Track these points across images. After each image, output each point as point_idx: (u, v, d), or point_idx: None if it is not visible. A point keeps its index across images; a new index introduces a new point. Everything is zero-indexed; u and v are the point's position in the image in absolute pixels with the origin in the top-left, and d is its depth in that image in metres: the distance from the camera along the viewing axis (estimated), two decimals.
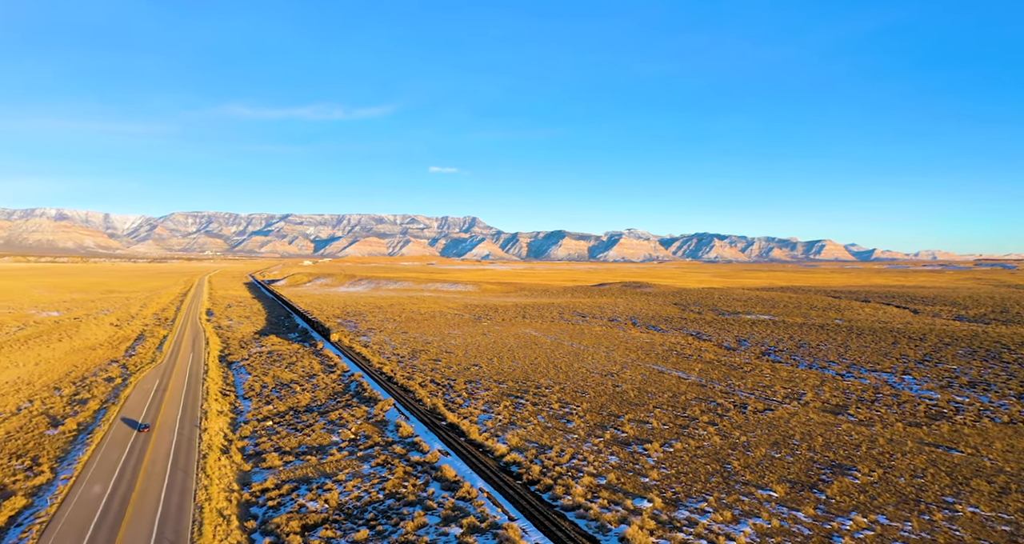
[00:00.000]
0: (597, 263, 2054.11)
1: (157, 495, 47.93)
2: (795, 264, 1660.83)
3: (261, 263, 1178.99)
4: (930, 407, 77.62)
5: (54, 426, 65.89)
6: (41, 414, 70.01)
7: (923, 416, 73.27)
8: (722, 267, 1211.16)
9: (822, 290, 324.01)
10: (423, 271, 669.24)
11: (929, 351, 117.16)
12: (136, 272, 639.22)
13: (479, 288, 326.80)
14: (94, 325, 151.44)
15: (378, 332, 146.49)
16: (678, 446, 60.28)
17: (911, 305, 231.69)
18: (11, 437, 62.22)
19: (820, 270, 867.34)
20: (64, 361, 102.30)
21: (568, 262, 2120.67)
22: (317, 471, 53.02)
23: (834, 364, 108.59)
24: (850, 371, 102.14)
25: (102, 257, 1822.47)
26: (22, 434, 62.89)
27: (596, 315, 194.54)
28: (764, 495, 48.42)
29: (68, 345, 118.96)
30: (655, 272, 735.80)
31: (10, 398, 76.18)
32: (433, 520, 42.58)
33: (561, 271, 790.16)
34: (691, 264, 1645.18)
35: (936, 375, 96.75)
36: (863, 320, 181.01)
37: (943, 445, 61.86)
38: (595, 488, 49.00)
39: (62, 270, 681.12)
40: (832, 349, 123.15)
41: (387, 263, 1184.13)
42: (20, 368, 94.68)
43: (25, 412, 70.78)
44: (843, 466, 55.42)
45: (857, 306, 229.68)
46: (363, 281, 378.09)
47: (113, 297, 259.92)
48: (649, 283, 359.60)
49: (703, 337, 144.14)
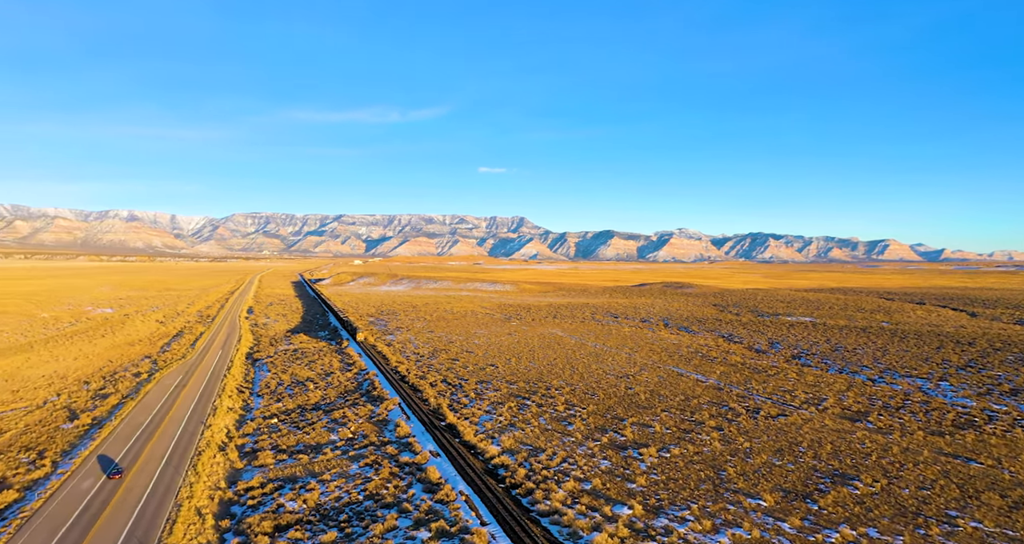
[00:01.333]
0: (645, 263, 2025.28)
1: (142, 492, 49.12)
2: (854, 265, 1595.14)
3: (313, 262, 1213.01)
4: (960, 415, 73.27)
5: (71, 420, 68.88)
6: (63, 408, 73.51)
7: (949, 425, 69.19)
8: (775, 267, 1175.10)
9: (875, 292, 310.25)
10: (466, 271, 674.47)
11: (975, 356, 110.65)
12: (194, 271, 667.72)
13: (517, 288, 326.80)
14: (140, 321, 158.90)
15: (406, 331, 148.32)
16: (675, 451, 58.72)
17: (970, 308, 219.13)
18: (29, 430, 65.25)
19: (879, 271, 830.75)
20: (102, 356, 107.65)
21: (616, 262, 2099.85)
22: (306, 470, 53.62)
23: (867, 369, 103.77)
24: (882, 376, 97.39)
25: (168, 256, 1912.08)
26: (39, 427, 65.90)
27: (629, 316, 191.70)
28: (752, 504, 46.65)
29: (110, 340, 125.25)
30: (702, 272, 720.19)
31: (41, 392, 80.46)
32: (405, 523, 42.58)
33: (605, 271, 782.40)
34: (743, 264, 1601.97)
35: (976, 382, 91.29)
36: (912, 323, 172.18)
37: (962, 456, 58.26)
38: (577, 493, 48.15)
39: (129, 268, 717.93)
40: (869, 353, 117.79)
41: (434, 263, 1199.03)
42: (60, 362, 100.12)
43: (49, 405, 74.49)
44: (846, 475, 52.88)
45: (909, 308, 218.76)
46: (404, 280, 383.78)
47: (166, 294, 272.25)
48: (691, 283, 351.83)
49: (734, 339, 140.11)
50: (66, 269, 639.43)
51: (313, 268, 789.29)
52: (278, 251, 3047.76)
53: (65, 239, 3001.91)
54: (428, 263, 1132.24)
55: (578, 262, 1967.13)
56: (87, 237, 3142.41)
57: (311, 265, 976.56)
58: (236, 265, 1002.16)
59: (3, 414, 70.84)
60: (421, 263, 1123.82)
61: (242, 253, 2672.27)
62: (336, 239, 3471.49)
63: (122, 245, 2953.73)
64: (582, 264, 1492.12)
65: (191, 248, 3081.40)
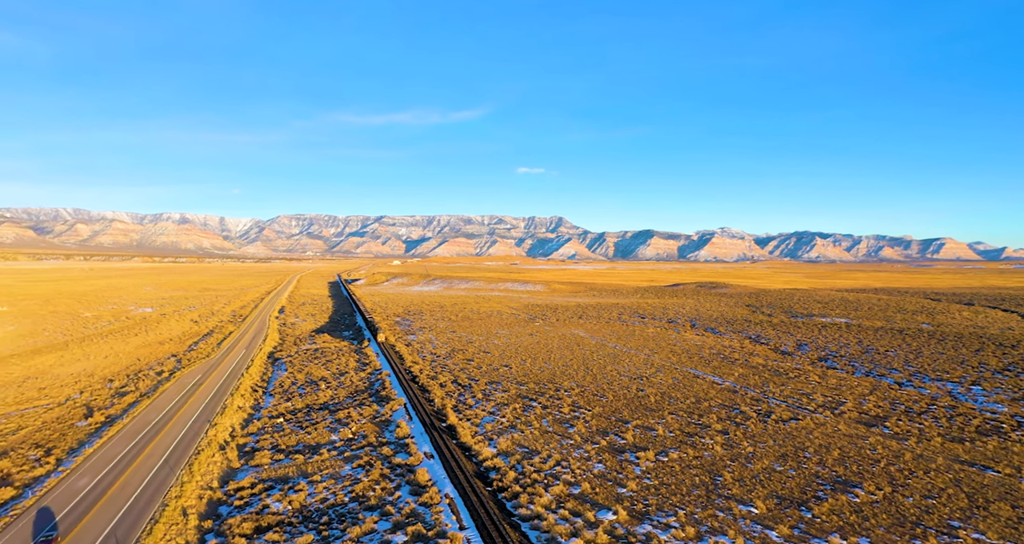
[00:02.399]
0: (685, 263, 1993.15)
1: (133, 491, 50.15)
2: (905, 264, 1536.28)
3: (353, 263, 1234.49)
4: (987, 421, 69.78)
5: (86, 418, 71.21)
6: (82, 405, 76.15)
7: (972, 431, 65.92)
8: (820, 267, 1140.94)
9: (921, 292, 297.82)
10: (501, 271, 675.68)
11: (1016, 360, 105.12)
12: (237, 272, 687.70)
13: (548, 288, 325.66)
14: (175, 321, 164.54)
15: (428, 331, 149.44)
16: (674, 455, 57.49)
17: (1023, 309, 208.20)
18: (45, 427, 67.74)
19: (931, 270, 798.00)
20: (131, 354, 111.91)
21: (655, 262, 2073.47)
22: (299, 471, 54.13)
23: (896, 372, 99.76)
24: (911, 380, 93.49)
25: (216, 257, 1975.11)
26: (55, 424, 68.32)
27: (657, 316, 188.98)
28: (743, 511, 45.31)
29: (142, 339, 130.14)
30: (741, 272, 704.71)
31: (66, 389, 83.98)
32: (383, 526, 42.64)
33: (642, 271, 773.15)
34: (786, 264, 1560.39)
35: (1012, 386, 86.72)
36: (955, 324, 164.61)
37: (979, 463, 55.42)
38: (563, 498, 47.41)
39: (177, 269, 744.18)
40: (901, 356, 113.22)
41: (471, 263, 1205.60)
42: (90, 360, 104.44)
43: (70, 403, 77.32)
44: (849, 482, 50.90)
45: (955, 309, 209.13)
46: (436, 281, 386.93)
47: (205, 294, 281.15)
48: (727, 283, 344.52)
49: (761, 340, 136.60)
50: (118, 270, 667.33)
51: (352, 268, 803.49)
52: (321, 252, 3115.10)
53: (122, 241, 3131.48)
54: (465, 263, 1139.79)
55: (616, 262, 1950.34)
56: (142, 239, 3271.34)
57: (351, 265, 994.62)
58: (278, 266, 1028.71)
59: (25, 411, 73.79)
60: (458, 263, 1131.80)
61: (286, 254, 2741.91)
62: (377, 240, 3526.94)
63: (174, 246, 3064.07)
64: (619, 264, 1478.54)
65: (239, 249, 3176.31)
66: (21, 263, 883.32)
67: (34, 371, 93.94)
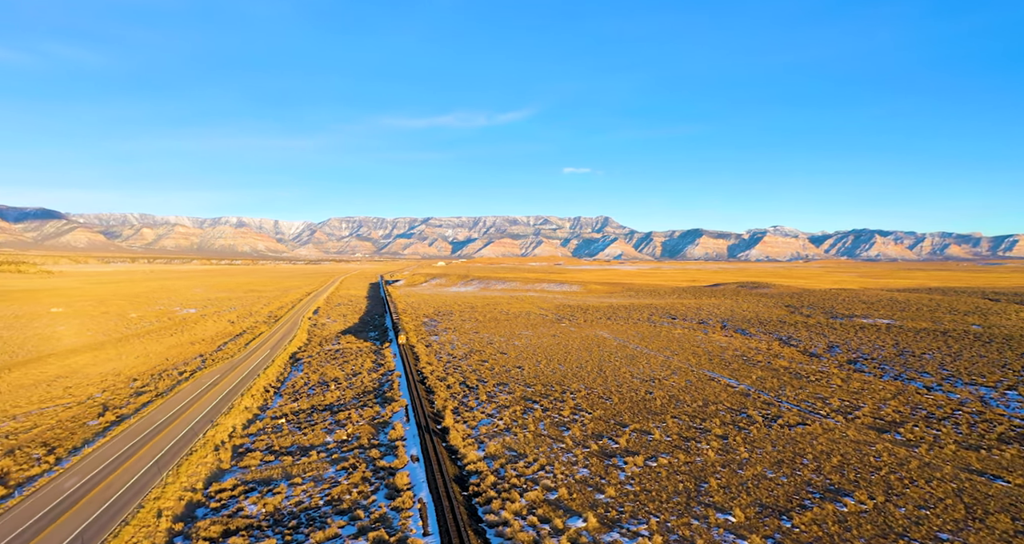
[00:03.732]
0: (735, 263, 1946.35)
1: (115, 492, 51.33)
2: (972, 263, 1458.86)
3: (399, 264, 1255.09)
4: (1013, 428, 65.94)
5: (99, 417, 73.99)
6: (99, 404, 79.35)
7: (993, 438, 62.26)
8: (876, 266, 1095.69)
9: (980, 291, 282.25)
10: (542, 271, 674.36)
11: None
12: (285, 273, 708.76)
13: (584, 289, 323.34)
14: (212, 321, 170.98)
15: (451, 332, 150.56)
16: (663, 460, 56.22)
17: None
18: (58, 425, 70.62)
19: (998, 269, 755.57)
20: (162, 354, 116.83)
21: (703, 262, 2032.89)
22: (284, 473, 54.82)
23: (927, 375, 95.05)
24: (941, 384, 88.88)
25: (269, 259, 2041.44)
26: (68, 423, 71.14)
27: (689, 317, 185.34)
28: (719, 520, 43.99)
29: (176, 339, 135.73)
30: (790, 272, 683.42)
31: (91, 388, 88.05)
32: (349, 531, 42.84)
33: (686, 271, 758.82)
34: (842, 263, 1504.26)
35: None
36: (1007, 326, 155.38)
37: (990, 473, 52.30)
38: (537, 503, 46.69)
39: (231, 271, 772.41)
40: (938, 358, 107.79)
41: (515, 263, 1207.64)
42: (122, 360, 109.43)
43: (90, 402, 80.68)
44: (841, 491, 48.81)
45: (1012, 310, 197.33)
46: (474, 281, 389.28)
47: (249, 295, 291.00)
48: (769, 283, 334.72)
49: (790, 342, 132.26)
50: (176, 272, 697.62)
51: (396, 270, 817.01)
52: (369, 253, 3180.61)
53: (183, 244, 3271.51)
54: (508, 264, 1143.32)
55: (663, 262, 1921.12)
56: (201, 242, 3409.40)
57: (396, 267, 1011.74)
58: (326, 268, 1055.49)
59: (44, 410, 77.35)
60: (501, 264, 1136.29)
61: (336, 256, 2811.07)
62: (424, 241, 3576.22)
63: (231, 249, 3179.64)
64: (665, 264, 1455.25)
65: (291, 251, 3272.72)
66: (91, 266, 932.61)
67: (67, 370, 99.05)
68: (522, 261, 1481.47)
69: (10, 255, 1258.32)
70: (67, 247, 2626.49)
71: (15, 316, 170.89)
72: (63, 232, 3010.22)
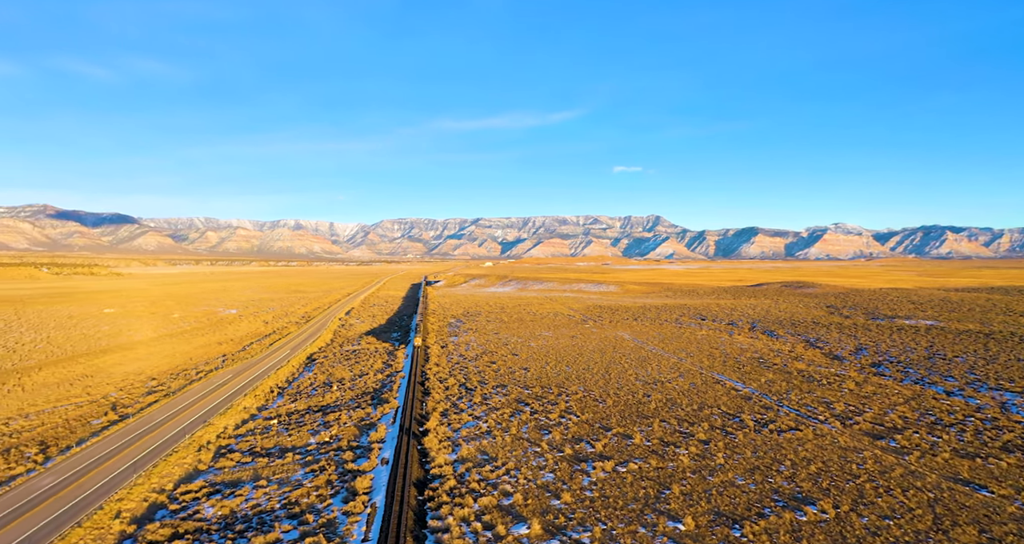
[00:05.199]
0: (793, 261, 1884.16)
1: (84, 491, 52.46)
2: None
3: (447, 264, 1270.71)
4: (1023, 435, 61.95)
5: (103, 416, 77.09)
6: (110, 403, 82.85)
7: (996, 447, 58.98)
8: (944, 264, 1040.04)
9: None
10: (585, 271, 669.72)
11: None
12: (334, 274, 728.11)
13: (621, 289, 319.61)
14: (247, 322, 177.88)
15: (472, 333, 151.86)
16: (633, 466, 55.55)
17: None
18: (63, 424, 73.57)
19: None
20: (188, 355, 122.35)
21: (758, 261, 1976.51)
22: (253, 474, 55.72)
23: (951, 380, 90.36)
24: (964, 388, 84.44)
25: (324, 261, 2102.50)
26: (73, 422, 73.97)
27: (720, 318, 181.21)
28: (669, 528, 43.34)
29: (206, 339, 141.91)
30: (844, 271, 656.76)
31: (109, 387, 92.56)
32: (290, 536, 43.31)
33: (735, 270, 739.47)
34: (906, 262, 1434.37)
35: None
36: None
37: (977, 482, 49.70)
38: (488, 509, 46.46)
39: (284, 272, 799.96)
40: (969, 362, 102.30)
41: (562, 263, 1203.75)
42: (148, 360, 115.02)
43: (102, 401, 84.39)
44: (808, 499, 47.32)
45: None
46: (512, 282, 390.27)
47: (292, 296, 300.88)
48: (815, 283, 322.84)
49: (817, 344, 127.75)
50: (234, 274, 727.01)
51: (441, 270, 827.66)
52: (420, 254, 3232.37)
53: (244, 247, 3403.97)
54: (555, 264, 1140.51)
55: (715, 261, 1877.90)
56: (261, 244, 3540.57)
57: (443, 267, 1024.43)
58: (375, 268, 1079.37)
59: (57, 408, 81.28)
60: (548, 264, 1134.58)
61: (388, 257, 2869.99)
62: (473, 242, 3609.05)
63: (289, 251, 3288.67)
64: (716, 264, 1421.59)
65: (345, 253, 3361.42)
66: (158, 268, 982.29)
67: (93, 369, 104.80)
68: (569, 261, 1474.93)
69: (86, 258, 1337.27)
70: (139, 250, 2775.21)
71: (69, 316, 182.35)
72: (136, 236, 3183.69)
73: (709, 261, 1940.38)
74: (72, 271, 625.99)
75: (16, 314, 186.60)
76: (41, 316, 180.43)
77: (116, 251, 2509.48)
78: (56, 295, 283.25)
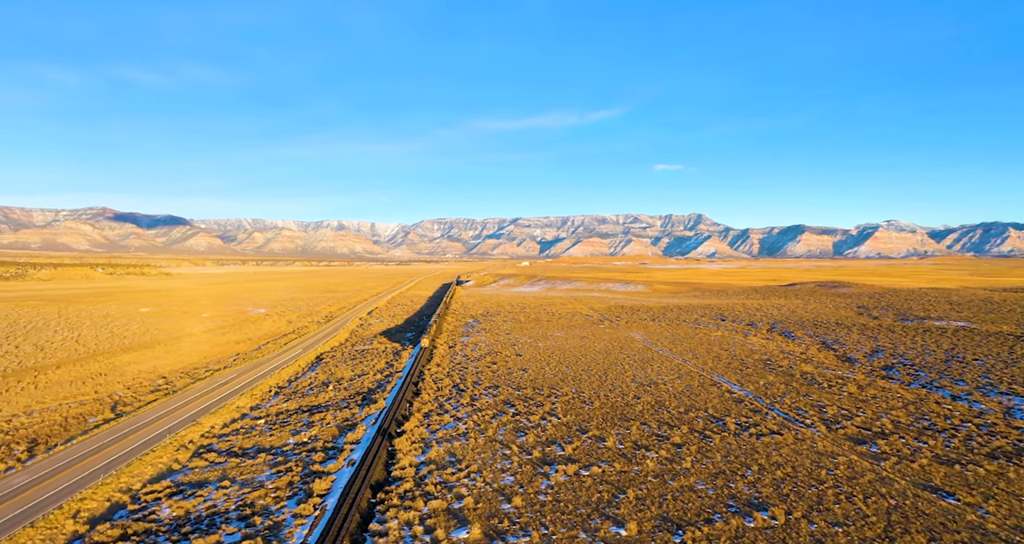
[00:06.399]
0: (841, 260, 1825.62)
1: (52, 490, 53.08)
2: None
3: (485, 264, 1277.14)
4: (1014, 442, 60.12)
5: (100, 414, 79.32)
6: (112, 401, 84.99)
7: (981, 453, 56.89)
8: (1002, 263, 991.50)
9: None
10: (619, 271, 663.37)
11: None
12: (371, 274, 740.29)
13: (650, 288, 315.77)
14: (271, 321, 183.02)
15: (484, 333, 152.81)
16: (597, 470, 55.32)
17: None
18: (61, 422, 74.87)
19: None
20: (204, 353, 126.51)
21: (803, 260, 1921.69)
22: (222, 475, 56.33)
23: (962, 384, 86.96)
24: (972, 393, 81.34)
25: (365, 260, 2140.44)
26: (71, 420, 75.52)
27: (740, 318, 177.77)
28: (610, 533, 43.21)
29: (225, 339, 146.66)
30: (891, 270, 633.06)
31: (117, 385, 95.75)
32: (231, 539, 43.72)
33: (774, 269, 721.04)
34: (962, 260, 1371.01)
35: None
36: None
37: (945, 490, 48.15)
38: (435, 513, 46.60)
39: (324, 272, 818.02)
40: (987, 365, 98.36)
41: (598, 263, 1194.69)
42: (165, 359, 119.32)
43: (106, 400, 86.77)
44: (762, 505, 46.59)
45: None
46: (541, 282, 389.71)
47: (324, 295, 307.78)
48: (851, 283, 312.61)
49: (832, 346, 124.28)
50: (275, 273, 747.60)
51: (476, 270, 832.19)
52: (459, 254, 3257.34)
53: (289, 247, 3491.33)
54: (591, 263, 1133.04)
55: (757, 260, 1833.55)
56: (305, 245, 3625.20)
57: (479, 267, 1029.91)
58: (413, 268, 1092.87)
59: (61, 406, 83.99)
60: (583, 263, 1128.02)
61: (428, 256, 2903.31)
62: (512, 241, 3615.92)
63: (332, 251, 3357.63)
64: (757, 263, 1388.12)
65: (386, 253, 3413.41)
66: (206, 268, 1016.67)
67: (108, 368, 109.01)
68: (606, 260, 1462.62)
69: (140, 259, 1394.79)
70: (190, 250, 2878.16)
71: (105, 315, 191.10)
72: (187, 237, 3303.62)
73: (751, 260, 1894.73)
74: (125, 271, 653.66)
75: (59, 313, 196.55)
76: (80, 315, 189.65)
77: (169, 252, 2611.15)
78: (102, 294, 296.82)
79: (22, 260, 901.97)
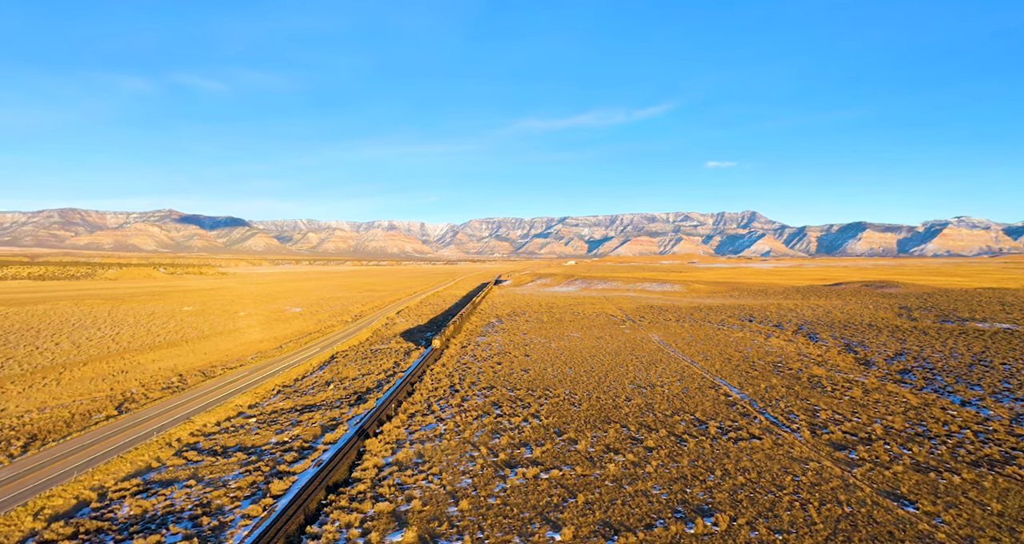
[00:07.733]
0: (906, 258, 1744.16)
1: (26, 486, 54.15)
2: None
3: (530, 263, 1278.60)
4: (1006, 451, 57.06)
5: (104, 411, 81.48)
6: (121, 399, 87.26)
7: (965, 461, 54.31)
8: None
9: None
10: (661, 270, 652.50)
11: None
12: (415, 273, 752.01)
13: (686, 288, 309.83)
14: (301, 320, 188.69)
15: (502, 333, 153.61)
16: (556, 473, 55.18)
17: None
18: (66, 419, 76.54)
19: None
20: (227, 352, 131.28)
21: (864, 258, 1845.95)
22: (192, 473, 57.16)
23: (977, 389, 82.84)
24: (984, 398, 77.49)
25: (414, 260, 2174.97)
26: (76, 417, 77.19)
27: (769, 319, 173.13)
28: (544, 539, 43.05)
29: (250, 337, 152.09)
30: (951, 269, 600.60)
31: (132, 383, 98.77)
32: (172, 539, 44.34)
33: (827, 268, 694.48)
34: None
35: None
36: None
37: (909, 498, 46.51)
38: (377, 516, 46.82)
39: (372, 272, 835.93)
40: (1011, 370, 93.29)
41: (644, 262, 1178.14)
42: (187, 357, 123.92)
43: (116, 397, 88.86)
44: (709, 511, 45.92)
45: None
46: (577, 281, 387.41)
47: (363, 295, 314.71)
48: (900, 282, 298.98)
49: (854, 348, 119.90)
50: (324, 273, 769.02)
51: (518, 269, 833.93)
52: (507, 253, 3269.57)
53: (341, 247, 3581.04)
54: (637, 263, 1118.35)
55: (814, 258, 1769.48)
56: (357, 245, 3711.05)
57: (521, 266, 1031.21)
58: (457, 268, 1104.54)
59: (72, 403, 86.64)
60: (629, 262, 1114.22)
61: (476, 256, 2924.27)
62: (560, 240, 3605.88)
63: (382, 251, 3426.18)
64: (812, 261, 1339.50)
65: (435, 252, 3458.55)
66: (262, 268, 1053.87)
67: (131, 365, 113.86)
68: (653, 260, 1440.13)
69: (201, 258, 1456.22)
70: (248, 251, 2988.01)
71: (150, 313, 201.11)
72: (246, 237, 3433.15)
73: (806, 258, 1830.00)
74: (184, 271, 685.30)
75: (109, 311, 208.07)
76: (127, 313, 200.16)
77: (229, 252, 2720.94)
78: (156, 293, 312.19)
79: (95, 260, 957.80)
